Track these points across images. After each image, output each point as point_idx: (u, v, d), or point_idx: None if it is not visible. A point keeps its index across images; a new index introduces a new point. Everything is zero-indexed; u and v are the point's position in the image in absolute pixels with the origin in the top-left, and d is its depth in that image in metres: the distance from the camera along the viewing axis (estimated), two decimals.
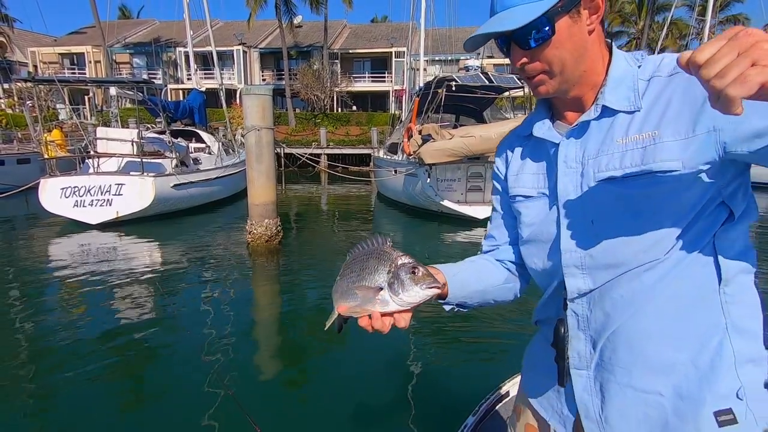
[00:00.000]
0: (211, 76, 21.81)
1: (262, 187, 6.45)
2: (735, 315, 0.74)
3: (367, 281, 0.77)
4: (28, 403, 2.98)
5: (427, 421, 2.68)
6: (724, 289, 0.74)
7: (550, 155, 0.85)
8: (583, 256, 0.79)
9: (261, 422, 2.62)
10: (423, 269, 0.76)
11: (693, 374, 0.73)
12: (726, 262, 0.73)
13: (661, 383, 0.75)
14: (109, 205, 7.83)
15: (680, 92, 0.69)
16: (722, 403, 0.72)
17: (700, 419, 0.73)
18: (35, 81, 8.31)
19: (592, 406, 0.82)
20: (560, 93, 0.79)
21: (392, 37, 28.62)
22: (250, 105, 6.14)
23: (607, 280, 0.77)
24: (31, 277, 5.61)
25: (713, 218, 0.72)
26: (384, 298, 0.75)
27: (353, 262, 0.82)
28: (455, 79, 8.75)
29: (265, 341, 4.12)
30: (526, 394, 1.01)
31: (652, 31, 27.23)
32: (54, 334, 3.91)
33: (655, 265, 0.73)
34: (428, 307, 4.05)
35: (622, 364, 0.78)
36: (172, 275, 5.74)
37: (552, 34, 0.72)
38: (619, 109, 0.74)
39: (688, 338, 0.74)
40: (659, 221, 0.72)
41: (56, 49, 30.62)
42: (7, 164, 12.05)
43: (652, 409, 0.76)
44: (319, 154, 18.71)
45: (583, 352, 0.83)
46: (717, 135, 0.65)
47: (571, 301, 0.82)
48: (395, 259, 0.77)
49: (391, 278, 0.75)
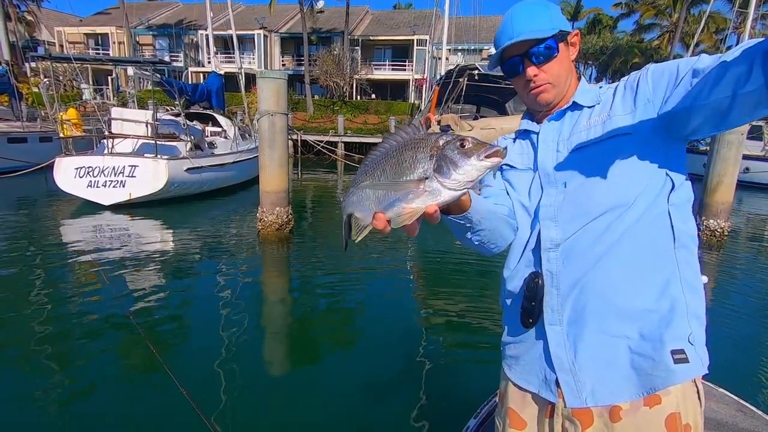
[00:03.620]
0: (232, 60, 21.72)
1: (274, 174, 6.29)
2: (686, 272, 0.90)
3: (408, 176, 0.64)
4: (39, 374, 3.04)
5: (428, 423, 2.64)
6: (678, 250, 0.90)
7: (532, 140, 1.07)
8: (556, 209, 0.96)
9: (261, 411, 2.72)
10: (472, 140, 0.63)
11: (655, 318, 0.87)
12: (680, 227, 0.90)
13: (627, 327, 0.88)
14: (122, 186, 7.80)
15: (621, 88, 0.97)
16: (677, 344, 0.87)
17: (659, 356, 0.86)
18: (51, 59, 8.30)
19: (566, 358, 0.92)
20: (555, 101, 1.02)
21: (415, 25, 28.04)
22: (264, 89, 5.96)
23: (575, 229, 0.93)
24: (43, 254, 5.61)
25: (662, 184, 0.90)
26: (433, 188, 0.62)
27: (382, 160, 0.68)
28: (478, 68, 8.40)
29: (268, 332, 4.01)
30: (508, 375, 1.07)
31: (686, 24, 26.06)
32: (60, 313, 3.91)
33: (616, 218, 0.89)
34: (428, 306, 3.83)
35: (595, 312, 0.90)
36: (179, 260, 5.69)
37: (557, 53, 0.97)
38: (585, 104, 1.00)
39: (651, 287, 0.88)
40: (617, 179, 0.90)
41: (81, 29, 31.00)
42: (30, 141, 12.19)
43: (620, 351, 0.89)
44: (336, 142, 18.51)
45: (556, 307, 0.94)
46: (651, 104, 0.90)
47: (546, 254, 0.95)
48: (435, 142, 0.64)
49: (437, 162, 0.62)
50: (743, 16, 15.28)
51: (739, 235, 8.08)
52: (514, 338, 1.04)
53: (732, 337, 3.84)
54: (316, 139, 16.45)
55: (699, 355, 0.89)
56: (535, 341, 0.99)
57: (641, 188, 0.89)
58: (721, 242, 7.01)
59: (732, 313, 4.42)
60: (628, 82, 0.96)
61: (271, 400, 2.88)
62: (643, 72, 0.94)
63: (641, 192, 0.89)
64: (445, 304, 4.60)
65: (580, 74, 1.06)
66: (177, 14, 32.06)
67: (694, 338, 0.88)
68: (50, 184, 8.22)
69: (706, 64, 0.79)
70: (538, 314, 0.95)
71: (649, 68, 0.93)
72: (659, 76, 0.89)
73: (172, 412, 2.61)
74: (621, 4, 31.74)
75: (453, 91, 8.46)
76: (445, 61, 17.23)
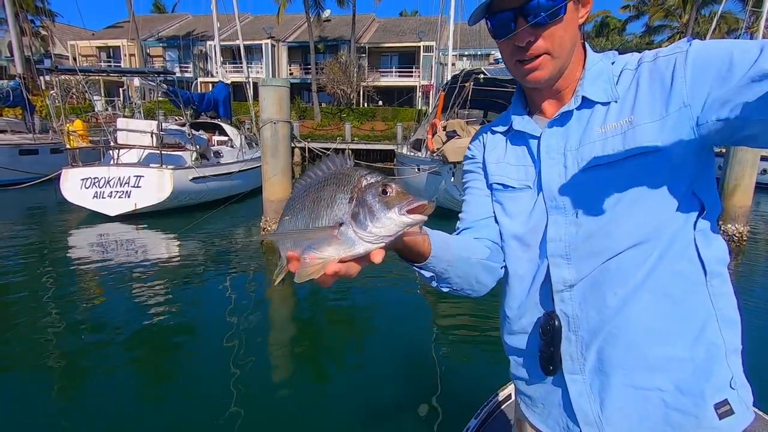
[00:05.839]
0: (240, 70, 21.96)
1: (278, 183, 6.23)
2: (721, 306, 0.76)
3: (324, 218, 0.56)
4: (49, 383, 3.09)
5: (429, 424, 2.65)
6: (711, 282, 0.75)
7: (531, 148, 0.84)
8: (567, 246, 0.78)
9: (265, 413, 2.76)
10: (397, 187, 0.54)
11: (690, 368, 0.74)
12: (707, 254, 0.74)
13: (660, 379, 0.75)
14: (127, 197, 7.81)
15: (647, 77, 0.73)
16: (719, 395, 0.74)
17: (701, 413, 0.73)
18: (58, 70, 8.41)
19: (591, 411, 0.79)
20: (552, 80, 0.78)
21: (421, 32, 28.09)
22: (266, 97, 5.92)
23: (593, 268, 0.76)
24: (50, 264, 5.62)
25: (689, 209, 0.73)
26: (347, 236, 0.54)
27: (305, 194, 0.62)
28: (484, 72, 8.29)
29: (272, 339, 3.99)
30: (524, 413, 0.95)
31: (697, 25, 25.70)
32: (69, 322, 3.96)
33: (641, 254, 0.73)
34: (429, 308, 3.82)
35: (621, 364, 0.76)
36: (183, 271, 5.65)
37: (564, 13, 0.71)
38: (598, 100, 0.76)
39: (683, 332, 0.74)
40: (643, 210, 0.72)
41: (93, 42, 31.61)
42: (41, 153, 12.38)
43: (654, 406, 0.75)
44: (344, 150, 18.52)
45: (576, 355, 0.79)
46: (689, 110, 0.67)
47: (558, 295, 0.79)
48: (358, 181, 0.56)
49: (355, 206, 0.54)
50: (756, 16, 14.95)
51: (759, 239, 7.80)
52: (529, 380, 0.90)
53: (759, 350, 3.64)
54: (323, 147, 16.45)
55: (743, 399, 0.76)
56: (554, 387, 0.85)
57: (669, 217, 0.73)
58: (740, 247, 6.76)
59: (755, 324, 4.21)
60: (657, 68, 0.71)
61: (275, 400, 2.90)
62: (679, 56, 0.69)
63: (668, 221, 0.73)
64: (446, 305, 4.58)
65: (584, 42, 0.81)
66: (186, 26, 32.59)
67: (735, 381, 0.75)
68: (59, 195, 8.30)
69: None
70: (559, 361, 0.81)
71: (689, 51, 0.68)
72: (703, 66, 0.65)
73: (177, 421, 2.66)
74: (629, 6, 31.46)
75: (459, 96, 8.35)
76: (451, 66, 17.17)
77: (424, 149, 9.41)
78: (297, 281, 0.56)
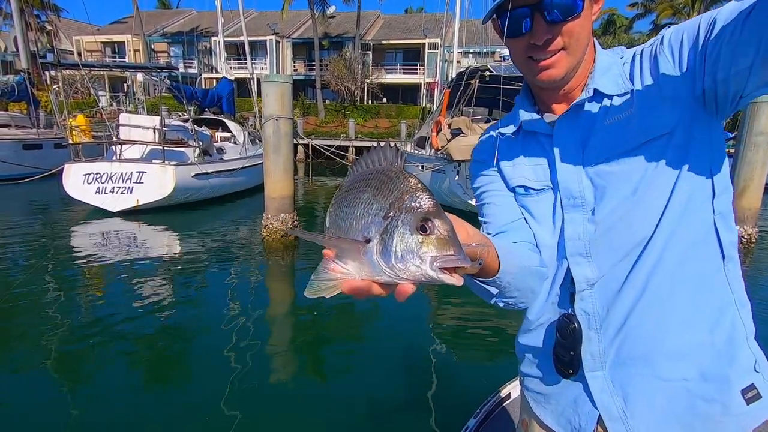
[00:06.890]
0: (244, 66, 21.90)
1: (279, 180, 6.17)
2: (737, 289, 0.75)
3: (355, 226, 0.49)
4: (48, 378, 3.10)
5: (428, 423, 2.64)
6: (728, 266, 0.74)
7: (544, 146, 0.82)
8: (587, 244, 0.77)
9: (265, 414, 2.74)
10: (441, 226, 0.44)
11: (713, 354, 0.73)
12: (725, 238, 0.74)
13: (683, 368, 0.73)
14: (129, 192, 7.78)
15: (639, 67, 0.74)
16: (745, 379, 0.73)
17: (728, 399, 0.72)
18: (60, 65, 8.38)
19: (615, 406, 0.77)
20: (566, 79, 0.76)
21: (426, 29, 27.92)
22: (269, 93, 5.86)
23: (613, 263, 0.75)
24: (52, 259, 5.59)
25: (707, 191, 0.72)
26: (370, 258, 0.46)
27: (350, 188, 0.55)
28: (489, 69, 8.19)
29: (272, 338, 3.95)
30: (534, 410, 0.91)
31: None
32: (70, 317, 3.96)
33: (661, 244, 0.72)
34: (430, 309, 3.82)
35: (643, 356, 0.75)
36: (185, 268, 5.62)
37: (582, 9, 0.70)
38: (610, 92, 0.75)
39: (703, 319, 0.73)
40: (660, 200, 0.71)
41: (98, 37, 31.65)
42: (45, 148, 12.38)
43: (679, 396, 0.74)
44: (347, 147, 18.44)
45: (597, 353, 0.78)
46: (681, 79, 0.68)
47: (580, 294, 0.78)
48: (403, 194, 0.47)
49: (385, 230, 0.46)
50: None
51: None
52: (543, 377, 0.88)
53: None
54: (326, 144, 16.38)
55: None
56: (570, 384, 0.82)
57: (687, 202, 0.71)
58: (749, 250, 6.64)
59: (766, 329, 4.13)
60: (646, 58, 0.74)
61: (275, 399, 2.89)
62: (657, 41, 0.72)
63: (687, 207, 0.71)
64: (446, 305, 4.56)
65: (593, 44, 0.80)
66: (191, 22, 32.54)
67: (759, 365, 0.74)
68: (62, 190, 8.29)
69: (732, 5, 0.61)
70: (579, 362, 0.78)
71: (664, 34, 0.72)
72: (677, 39, 0.69)
73: (177, 420, 2.64)
74: (637, 4, 31.14)
75: (464, 94, 8.25)
76: (456, 64, 17.03)
77: (428, 147, 9.32)
78: (306, 295, 0.49)
